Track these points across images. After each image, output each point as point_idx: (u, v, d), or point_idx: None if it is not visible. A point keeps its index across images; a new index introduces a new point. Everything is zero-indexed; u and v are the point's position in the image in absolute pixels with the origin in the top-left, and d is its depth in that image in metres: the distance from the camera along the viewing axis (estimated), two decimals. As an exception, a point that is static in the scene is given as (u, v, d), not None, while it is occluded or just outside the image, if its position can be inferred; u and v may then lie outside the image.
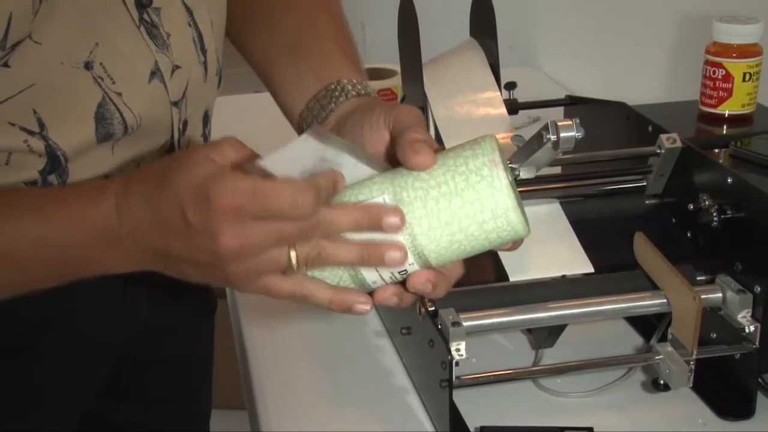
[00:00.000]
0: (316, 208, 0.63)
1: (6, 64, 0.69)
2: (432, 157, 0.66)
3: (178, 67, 0.78)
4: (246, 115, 1.31)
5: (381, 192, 0.66)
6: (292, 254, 0.64)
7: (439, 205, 0.66)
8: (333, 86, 0.80)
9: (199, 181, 0.62)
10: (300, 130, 0.83)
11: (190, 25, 0.79)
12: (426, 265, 0.68)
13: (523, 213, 0.67)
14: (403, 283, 0.70)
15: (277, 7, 0.89)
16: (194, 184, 0.62)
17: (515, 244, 0.71)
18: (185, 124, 0.81)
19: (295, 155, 0.64)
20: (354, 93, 0.79)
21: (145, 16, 0.75)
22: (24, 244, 0.66)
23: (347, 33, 0.88)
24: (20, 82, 0.70)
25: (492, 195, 0.65)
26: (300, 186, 0.62)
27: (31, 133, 0.72)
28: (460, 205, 0.65)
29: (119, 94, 0.74)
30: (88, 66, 0.72)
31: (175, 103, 0.79)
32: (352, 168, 0.66)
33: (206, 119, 0.86)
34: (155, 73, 0.76)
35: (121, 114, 0.74)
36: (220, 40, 0.85)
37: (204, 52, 0.81)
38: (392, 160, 0.70)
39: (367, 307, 0.69)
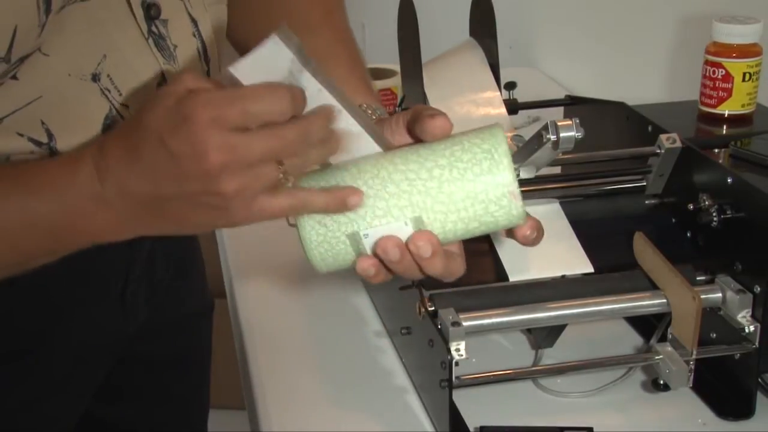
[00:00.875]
0: (295, 106, 0.61)
1: (14, 77, 0.69)
2: (448, 121, 0.67)
3: None
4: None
5: (378, 169, 0.67)
6: (281, 167, 0.62)
7: (442, 188, 0.67)
8: None
9: (171, 107, 0.60)
10: None
11: (195, 35, 0.79)
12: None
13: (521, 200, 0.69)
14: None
15: (291, 24, 0.89)
16: (167, 112, 0.60)
17: (517, 231, 0.72)
18: None
19: (263, 63, 0.62)
20: (374, 117, 0.79)
21: (153, 28, 0.76)
22: (10, 221, 0.65)
23: (359, 54, 0.88)
24: (28, 93, 0.70)
25: (493, 181, 0.67)
26: (274, 85, 0.61)
27: (38, 143, 0.72)
28: (461, 187, 0.67)
29: (126, 106, 0.74)
30: (95, 78, 0.73)
31: None
32: (315, 93, 0.64)
33: None
34: (162, 84, 0.77)
35: None
36: (220, 47, 0.86)
37: (207, 61, 0.81)
38: None
39: (358, 198, 0.66)
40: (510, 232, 0.72)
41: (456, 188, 0.68)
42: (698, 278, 0.87)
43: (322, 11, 0.89)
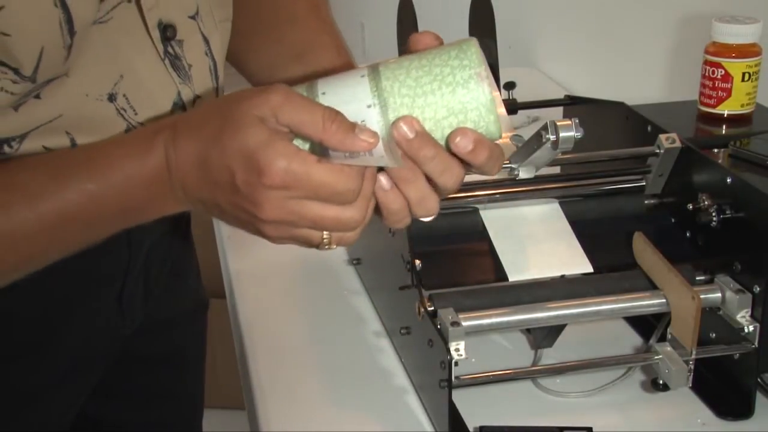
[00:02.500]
0: (362, 197, 0.64)
1: (37, 96, 0.70)
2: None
3: (198, 97, 0.79)
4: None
5: (368, 96, 0.66)
6: (325, 236, 0.66)
7: (424, 114, 0.66)
8: None
9: (251, 150, 0.62)
10: None
11: (207, 54, 0.80)
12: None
13: (500, 120, 0.67)
14: None
15: (280, 18, 0.89)
16: (246, 152, 0.62)
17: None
18: None
19: (346, 90, 0.65)
20: None
21: (169, 49, 0.76)
22: (83, 205, 0.67)
23: (344, 42, 0.89)
24: (50, 112, 0.71)
25: (477, 108, 0.66)
26: (349, 171, 0.63)
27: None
28: (445, 115, 0.66)
29: (142, 125, 0.75)
30: (111, 98, 0.73)
31: None
32: (376, 126, 0.66)
33: None
34: (177, 104, 0.77)
35: None
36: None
37: (217, 79, 0.82)
38: None
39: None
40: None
41: (423, 73, 0.66)
42: (697, 278, 0.87)
43: (307, 5, 0.90)
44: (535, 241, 0.88)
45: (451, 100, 0.66)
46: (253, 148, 0.62)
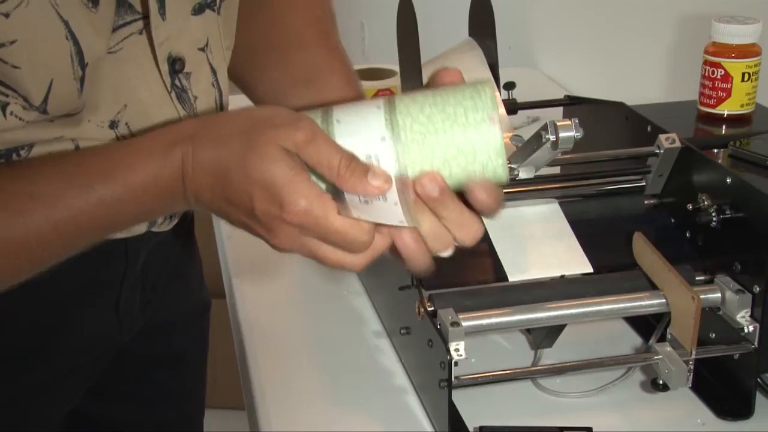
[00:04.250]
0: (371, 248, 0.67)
1: (51, 120, 0.70)
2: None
3: None
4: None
5: (382, 129, 0.67)
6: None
7: (434, 152, 0.66)
8: None
9: (276, 184, 0.63)
10: None
11: (213, 85, 0.81)
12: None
13: (507, 163, 0.68)
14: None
15: (289, 43, 0.90)
16: (270, 185, 0.63)
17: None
18: None
19: (360, 120, 0.66)
20: None
21: (176, 82, 0.77)
22: (98, 212, 0.68)
23: (353, 69, 0.90)
24: (52, 132, 0.71)
25: (486, 151, 0.66)
26: (362, 226, 0.65)
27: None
28: (454, 155, 0.66)
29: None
30: (113, 125, 0.74)
31: None
32: (390, 164, 0.66)
33: None
34: None
35: None
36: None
37: (221, 107, 0.82)
38: None
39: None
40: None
41: (436, 111, 0.67)
42: (697, 278, 0.87)
43: (317, 31, 0.90)
44: (535, 242, 0.88)
45: (462, 140, 0.66)
46: (279, 183, 0.63)
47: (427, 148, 0.66)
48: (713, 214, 0.85)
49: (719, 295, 0.84)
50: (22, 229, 0.66)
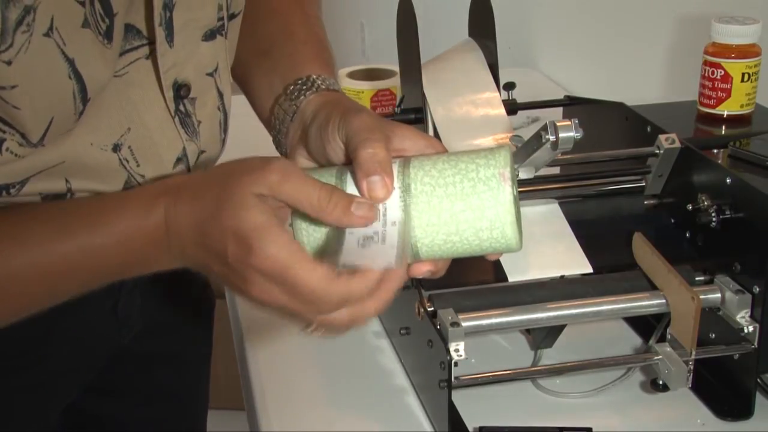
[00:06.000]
0: (339, 305, 0.65)
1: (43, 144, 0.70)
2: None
3: (203, 151, 0.80)
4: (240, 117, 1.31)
5: (394, 180, 0.67)
6: (310, 328, 0.67)
7: (442, 204, 0.66)
8: (302, 81, 0.81)
9: (247, 230, 0.63)
10: (271, 128, 0.83)
11: (219, 109, 0.81)
12: (414, 258, 0.69)
13: (520, 228, 0.68)
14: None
15: (259, 11, 0.89)
16: (240, 232, 0.63)
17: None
18: None
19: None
20: (323, 87, 0.80)
21: (181, 107, 0.76)
22: (83, 259, 0.68)
23: (318, 33, 0.88)
24: (53, 159, 0.71)
25: (494, 207, 0.66)
26: (332, 289, 0.63)
27: (58, 195, 0.73)
28: (462, 209, 0.66)
29: (142, 176, 0.75)
30: (116, 148, 0.74)
31: None
32: (396, 211, 0.67)
33: None
34: (181, 159, 0.78)
35: None
36: None
37: (225, 131, 0.82)
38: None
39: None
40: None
41: (448, 166, 0.67)
42: (697, 278, 0.87)
43: (290, 1, 0.90)
44: (535, 242, 0.88)
45: (471, 194, 0.66)
46: (249, 228, 0.63)
47: (435, 199, 0.66)
48: (713, 214, 0.85)
49: (719, 295, 0.84)
50: (1, 270, 0.66)
